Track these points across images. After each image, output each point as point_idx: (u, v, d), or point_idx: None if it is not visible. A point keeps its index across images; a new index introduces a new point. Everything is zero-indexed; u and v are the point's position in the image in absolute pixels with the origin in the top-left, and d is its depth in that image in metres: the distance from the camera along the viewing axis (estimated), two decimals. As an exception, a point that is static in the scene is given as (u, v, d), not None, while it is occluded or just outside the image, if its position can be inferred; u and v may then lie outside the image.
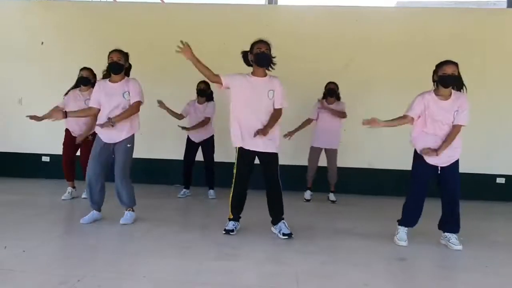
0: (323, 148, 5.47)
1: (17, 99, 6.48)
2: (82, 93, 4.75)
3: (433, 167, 3.49)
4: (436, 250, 3.45)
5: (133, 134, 3.91)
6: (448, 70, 3.35)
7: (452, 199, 3.49)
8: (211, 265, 2.86)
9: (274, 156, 3.63)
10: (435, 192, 3.54)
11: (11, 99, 6.47)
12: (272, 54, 3.58)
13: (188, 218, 4.59)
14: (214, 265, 2.86)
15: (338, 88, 5.42)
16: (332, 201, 5.46)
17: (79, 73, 4.81)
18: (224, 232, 3.58)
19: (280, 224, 3.63)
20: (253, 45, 3.58)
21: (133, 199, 3.97)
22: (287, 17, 6.36)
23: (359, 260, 3.07)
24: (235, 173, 3.62)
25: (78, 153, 5.00)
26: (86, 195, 4.05)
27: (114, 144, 3.83)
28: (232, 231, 3.60)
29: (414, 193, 3.57)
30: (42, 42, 6.44)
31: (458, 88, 3.47)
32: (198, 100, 5.35)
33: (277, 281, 2.63)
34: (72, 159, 4.97)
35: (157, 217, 4.18)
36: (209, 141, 5.40)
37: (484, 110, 5.72)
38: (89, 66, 4.83)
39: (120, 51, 3.84)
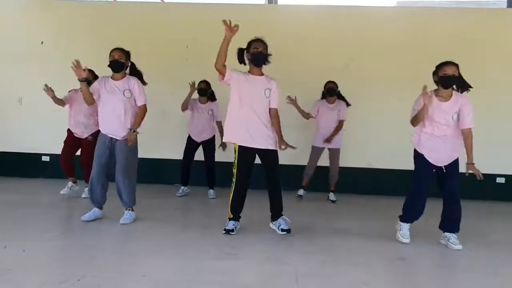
0: (325, 148, 5.48)
1: (17, 99, 6.49)
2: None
3: (434, 166, 3.50)
4: (436, 250, 3.45)
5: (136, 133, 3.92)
6: (449, 71, 3.33)
7: (452, 199, 3.49)
8: (211, 265, 2.86)
9: (274, 153, 3.64)
10: (436, 192, 3.54)
11: (11, 99, 6.47)
12: (269, 53, 3.60)
13: (188, 218, 4.60)
14: (214, 265, 2.86)
15: (338, 87, 5.42)
16: (332, 201, 5.46)
17: None
18: (224, 232, 3.57)
19: (280, 220, 3.64)
20: (250, 44, 3.59)
21: (134, 199, 3.97)
22: (287, 17, 6.36)
23: (359, 260, 3.07)
24: (236, 173, 3.61)
25: (78, 153, 5.01)
26: (88, 194, 4.04)
27: (116, 141, 3.84)
28: (232, 231, 3.59)
29: (415, 194, 3.57)
30: (42, 42, 6.44)
31: (462, 90, 3.44)
32: (200, 100, 5.35)
33: (277, 281, 2.63)
34: (70, 157, 4.96)
35: (157, 217, 4.18)
36: (211, 141, 5.40)
37: (484, 110, 5.70)
38: (89, 66, 4.81)
39: (121, 49, 3.86)
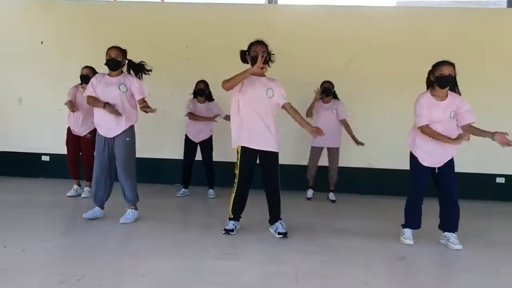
0: (324, 148, 5.48)
1: (17, 99, 6.48)
2: (84, 90, 4.77)
3: (430, 168, 3.50)
4: (436, 250, 3.45)
5: (132, 127, 3.92)
6: (445, 71, 3.34)
7: (449, 198, 3.49)
8: (211, 265, 2.86)
9: (275, 156, 3.63)
10: (435, 192, 3.54)
11: (11, 99, 6.47)
12: (271, 52, 3.61)
13: (188, 218, 4.59)
14: (214, 265, 2.86)
15: (334, 87, 5.42)
16: (332, 201, 5.46)
17: (80, 72, 4.85)
18: (224, 232, 3.57)
19: (277, 224, 3.63)
20: (250, 47, 3.59)
21: (136, 196, 3.98)
22: (287, 17, 6.36)
23: (359, 260, 3.07)
24: (238, 173, 3.60)
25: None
26: (88, 193, 4.06)
27: (114, 139, 3.85)
28: (232, 231, 3.59)
29: (415, 195, 3.58)
30: (42, 42, 6.44)
31: (451, 88, 3.47)
32: (198, 100, 5.34)
33: (277, 281, 2.63)
34: (76, 159, 5.01)
35: (157, 217, 4.18)
36: (209, 141, 5.39)
37: (484, 110, 5.67)
38: (90, 66, 4.84)
39: (118, 48, 3.85)
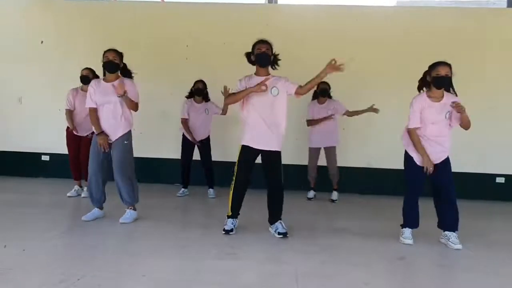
0: (321, 148, 5.48)
1: (17, 99, 6.48)
2: (84, 92, 4.77)
3: (422, 167, 3.50)
4: (436, 250, 3.45)
5: (130, 131, 3.92)
6: (442, 71, 3.35)
7: (448, 197, 3.49)
8: (211, 265, 2.86)
9: (278, 155, 3.62)
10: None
11: (11, 99, 6.47)
12: (275, 52, 3.62)
13: (188, 218, 4.59)
14: (214, 265, 2.87)
15: (330, 88, 5.41)
16: (332, 200, 5.44)
17: (80, 73, 4.86)
18: (224, 233, 3.57)
19: (277, 224, 3.63)
20: (254, 46, 3.60)
21: (134, 197, 3.97)
22: (287, 16, 6.35)
23: (359, 260, 3.07)
24: (236, 171, 3.61)
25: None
26: (87, 193, 4.06)
27: (111, 142, 3.85)
28: (231, 231, 3.59)
29: (412, 195, 3.58)
30: (42, 41, 6.43)
31: (447, 89, 3.48)
32: (196, 100, 5.34)
33: (277, 281, 2.63)
34: (77, 156, 5.00)
35: (157, 217, 4.18)
36: (207, 141, 5.40)
37: (484, 109, 5.71)
38: (90, 66, 4.84)
39: (115, 50, 3.83)
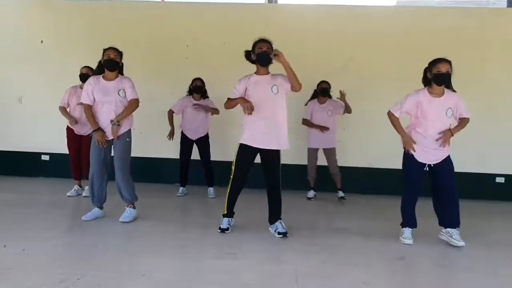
0: (320, 148, 5.49)
1: (17, 98, 6.47)
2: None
3: (423, 165, 3.51)
4: (436, 250, 3.45)
5: (130, 129, 3.94)
6: (443, 68, 3.37)
7: (451, 193, 3.50)
8: (211, 264, 2.86)
9: (277, 154, 3.62)
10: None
11: (11, 98, 6.46)
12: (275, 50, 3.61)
13: (188, 217, 4.59)
14: (214, 264, 2.87)
15: (331, 87, 5.41)
16: (342, 197, 5.44)
17: (80, 71, 4.86)
18: (220, 231, 3.59)
19: (277, 224, 3.63)
20: (255, 45, 3.60)
21: (134, 195, 3.98)
22: (287, 16, 6.34)
23: (359, 260, 3.07)
24: (233, 170, 3.62)
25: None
26: (88, 192, 4.07)
27: (112, 140, 3.85)
28: (227, 229, 3.61)
29: (411, 194, 3.58)
30: (42, 41, 6.43)
31: (447, 86, 3.49)
32: (194, 97, 5.33)
33: (277, 281, 2.63)
34: (78, 156, 5.00)
35: (157, 216, 4.18)
36: (205, 139, 5.37)
37: (484, 109, 5.71)
38: (89, 65, 4.83)
39: (116, 49, 3.84)
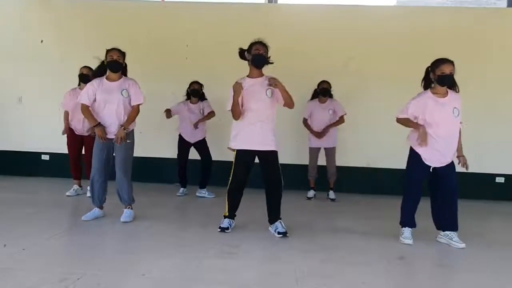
0: (321, 148, 5.50)
1: (17, 98, 6.48)
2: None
3: (429, 167, 3.51)
4: (436, 250, 3.45)
5: (133, 130, 3.95)
6: (446, 70, 3.37)
7: (451, 198, 3.51)
8: (211, 264, 2.86)
9: (274, 154, 3.63)
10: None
11: (11, 98, 6.46)
12: (269, 55, 3.62)
13: (188, 217, 4.60)
14: (214, 263, 2.87)
15: (331, 87, 5.42)
16: (332, 199, 5.46)
17: (79, 71, 4.85)
18: (220, 230, 3.60)
19: (277, 224, 3.63)
20: (251, 46, 3.60)
21: (132, 197, 3.98)
22: (287, 16, 6.35)
23: (359, 259, 3.08)
24: (232, 174, 3.65)
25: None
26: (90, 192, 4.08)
27: (111, 137, 3.85)
28: (227, 229, 3.62)
29: (413, 193, 3.58)
30: (42, 41, 6.43)
31: (450, 87, 3.50)
32: (192, 101, 5.35)
33: (277, 280, 2.63)
34: (78, 157, 5.00)
35: (157, 215, 4.19)
36: (203, 142, 5.40)
37: (484, 109, 5.71)
38: (89, 65, 4.83)
39: (119, 50, 3.85)
